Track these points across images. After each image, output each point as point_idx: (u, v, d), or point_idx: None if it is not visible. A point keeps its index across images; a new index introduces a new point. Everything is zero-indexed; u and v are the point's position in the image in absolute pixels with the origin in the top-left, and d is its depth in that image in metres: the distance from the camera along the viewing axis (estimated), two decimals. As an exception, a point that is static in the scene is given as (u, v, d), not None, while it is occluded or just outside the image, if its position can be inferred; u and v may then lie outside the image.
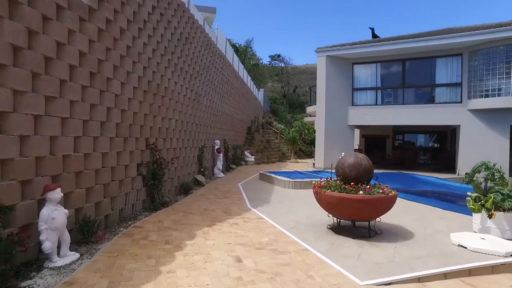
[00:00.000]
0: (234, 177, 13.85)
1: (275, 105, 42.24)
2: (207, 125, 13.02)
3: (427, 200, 9.62)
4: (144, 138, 7.37)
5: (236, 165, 18.00)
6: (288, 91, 43.56)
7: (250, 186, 11.19)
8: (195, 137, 11.34)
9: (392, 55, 17.17)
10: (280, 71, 42.80)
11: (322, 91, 17.81)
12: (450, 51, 16.16)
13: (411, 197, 10.05)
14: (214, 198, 8.78)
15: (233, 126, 18.75)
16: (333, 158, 18.47)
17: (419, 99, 17.58)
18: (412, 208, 8.29)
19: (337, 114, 17.85)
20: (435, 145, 23.75)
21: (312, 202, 8.30)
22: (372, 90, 17.90)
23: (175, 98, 9.32)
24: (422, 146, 24.14)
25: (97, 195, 5.59)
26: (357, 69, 18.20)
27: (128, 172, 6.65)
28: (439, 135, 22.72)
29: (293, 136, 23.54)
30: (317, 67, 18.01)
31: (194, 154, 11.18)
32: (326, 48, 17.67)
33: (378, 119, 17.58)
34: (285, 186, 10.92)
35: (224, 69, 16.01)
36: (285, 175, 12.59)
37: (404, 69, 17.21)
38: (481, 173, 13.80)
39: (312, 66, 57.85)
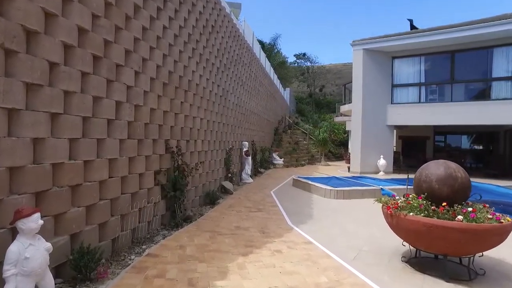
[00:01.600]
0: (264, 183, 12.43)
1: (300, 105, 40.57)
2: (235, 125, 11.68)
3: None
4: (164, 140, 6.07)
5: (265, 169, 16.59)
6: (314, 90, 41.78)
7: (284, 195, 9.75)
8: (222, 139, 10.01)
9: (439, 46, 15.26)
10: (306, 70, 41.08)
11: (358, 88, 16.12)
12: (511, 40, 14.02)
13: None
14: (245, 211, 7.39)
15: (261, 126, 17.36)
16: (370, 162, 16.92)
17: (470, 95, 15.57)
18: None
19: (375, 113, 16.11)
20: (482, 147, 21.50)
21: (363, 218, 7.02)
22: (415, 86, 16.05)
23: (200, 94, 8.01)
24: (469, 148, 21.88)
25: (101, 214, 4.31)
26: (397, 64, 16.39)
27: (143, 182, 5.36)
28: (489, 136, 20.46)
29: (324, 137, 21.90)
30: (353, 62, 16.34)
31: (221, 158, 9.86)
32: (363, 41, 15.98)
33: (422, 119, 15.72)
34: (325, 195, 9.41)
35: (252, 65, 14.65)
36: (322, 181, 11.06)
37: (453, 62, 15.24)
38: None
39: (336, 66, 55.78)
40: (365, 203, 8.66)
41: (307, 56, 39.97)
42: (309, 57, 40.02)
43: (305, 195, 9.74)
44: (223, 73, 10.05)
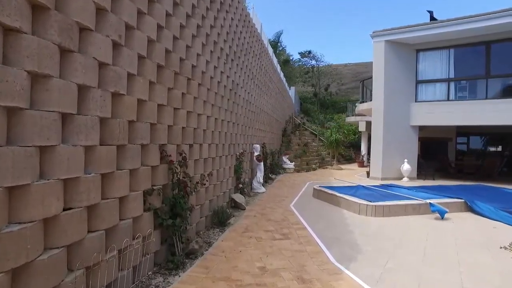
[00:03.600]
0: (279, 192, 10.60)
1: (306, 105, 38.70)
2: (245, 125, 9.86)
3: None
4: (158, 145, 4.26)
5: (275, 175, 14.77)
6: (319, 90, 39.90)
7: (308, 211, 7.92)
8: (232, 141, 8.20)
9: (470, 37, 13.45)
10: (311, 69, 39.21)
11: (380, 84, 14.31)
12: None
13: None
14: (267, 239, 5.55)
15: (271, 127, 15.54)
16: (392, 167, 14.92)
17: (509, 92, 13.74)
18: None
19: (398, 112, 14.31)
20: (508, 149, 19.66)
21: (432, 251, 4.95)
22: (442, 82, 14.24)
23: (207, 85, 6.20)
24: (501, 151, 19.97)
25: (47, 273, 2.50)
26: (422, 57, 14.59)
27: (125, 209, 3.54)
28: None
29: (337, 138, 20.06)
30: (374, 55, 14.53)
31: (230, 165, 8.03)
32: (385, 31, 14.18)
33: (450, 118, 13.92)
34: (360, 211, 7.57)
35: (262, 57, 12.84)
36: (348, 192, 9.22)
37: (489, 55, 13.41)
38: None
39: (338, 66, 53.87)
40: (415, 224, 6.84)
41: (312, 54, 38.10)
42: (314, 55, 38.16)
43: (334, 211, 7.91)
44: (233, 62, 8.24)
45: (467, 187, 12.21)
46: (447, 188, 11.67)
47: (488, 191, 11.49)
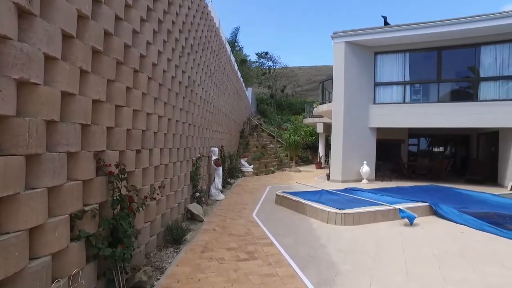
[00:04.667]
0: (239, 199, 9.79)
1: (262, 106, 38.29)
2: (203, 126, 8.95)
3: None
4: (93, 152, 3.27)
5: (234, 179, 13.95)
6: (276, 91, 39.71)
7: (273, 221, 7.20)
8: (188, 145, 7.26)
9: (425, 42, 13.70)
10: (268, 70, 38.88)
11: (340, 86, 14.07)
12: (501, 36, 12.76)
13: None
14: (231, 260, 4.72)
15: (229, 128, 14.70)
16: (352, 169, 14.86)
17: (458, 96, 14.16)
18: None
19: (357, 114, 14.19)
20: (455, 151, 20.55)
21: (416, 266, 4.10)
22: (399, 85, 14.34)
23: (159, 79, 5.25)
24: (448, 153, 20.80)
25: None
26: (380, 60, 14.61)
27: (40, 243, 2.54)
28: (462, 139, 19.50)
29: (296, 140, 19.69)
30: (334, 56, 14.26)
31: (186, 172, 7.09)
32: (346, 33, 13.96)
33: (406, 120, 14.08)
34: (328, 220, 6.99)
35: (220, 54, 11.97)
36: (312, 197, 8.68)
37: (440, 60, 13.71)
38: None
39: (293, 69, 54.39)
40: (387, 233, 6.38)
41: (269, 55, 37.80)
42: (271, 56, 37.89)
43: (301, 220, 7.26)
44: (189, 57, 7.30)
45: (422, 188, 12.30)
46: (404, 190, 11.64)
47: (442, 192, 11.62)
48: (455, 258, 5.06)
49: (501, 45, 12.99)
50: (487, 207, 9.72)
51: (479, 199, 10.79)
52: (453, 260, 4.94)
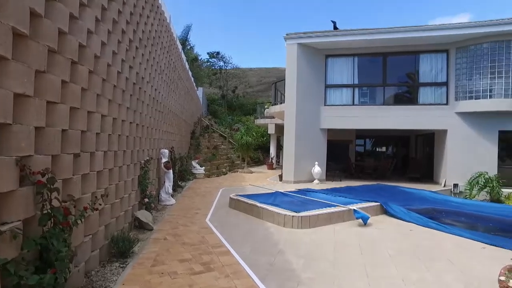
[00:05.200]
0: (191, 203, 9.26)
1: (213, 106, 37.64)
2: (153, 126, 8.30)
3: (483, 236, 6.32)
4: (14, 158, 2.65)
5: (185, 182, 13.32)
6: (226, 92, 39.26)
7: (229, 227, 6.81)
8: (136, 147, 6.62)
9: (372, 47, 14.21)
10: (219, 70, 38.30)
11: (292, 87, 14.07)
12: (436, 46, 13.73)
13: (443, 227, 6.83)
14: (185, 274, 4.25)
15: (180, 129, 14.02)
16: (304, 169, 14.84)
17: (401, 100, 14.88)
18: None
19: (309, 115, 14.30)
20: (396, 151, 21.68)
21: (376, 269, 4.22)
22: (348, 87, 14.71)
23: (102, 74, 4.62)
24: (391, 153, 21.85)
25: None
26: (330, 63, 14.87)
27: None
28: (403, 140, 20.63)
29: (247, 141, 19.45)
30: (287, 57, 14.23)
31: (134, 176, 6.46)
32: (298, 35, 14.00)
33: (355, 122, 14.48)
34: (285, 224, 6.77)
35: (171, 51, 11.31)
36: (267, 200, 8.46)
37: (385, 65, 14.31)
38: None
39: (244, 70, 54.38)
40: (344, 235, 6.30)
41: (221, 55, 37.22)
42: (223, 56, 37.34)
43: (257, 225, 6.96)
44: (138, 51, 6.67)
45: (370, 187, 12.71)
46: (354, 189, 11.93)
47: (388, 190, 12.09)
48: (409, 257, 5.10)
49: (435, 54, 13.90)
50: (426, 203, 10.28)
51: (419, 196, 11.38)
52: (408, 260, 4.97)
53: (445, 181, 13.50)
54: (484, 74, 12.81)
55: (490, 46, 12.76)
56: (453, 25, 13.00)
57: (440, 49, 13.72)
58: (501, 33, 12.39)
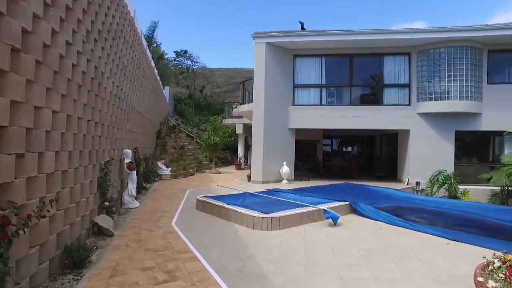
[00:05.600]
0: (156, 206, 8.77)
1: (180, 106, 36.71)
2: (114, 125, 7.75)
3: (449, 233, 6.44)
4: None
5: (150, 183, 12.72)
6: (194, 91, 38.42)
7: (196, 230, 6.44)
8: (95, 147, 6.10)
9: (339, 48, 14.35)
10: (186, 69, 37.39)
11: (260, 86, 13.88)
12: (399, 49, 14.12)
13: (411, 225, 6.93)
14: (147, 284, 3.86)
15: (145, 128, 13.38)
16: (272, 169, 14.64)
17: (367, 100, 15.15)
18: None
19: (277, 115, 14.19)
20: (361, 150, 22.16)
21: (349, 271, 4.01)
22: (316, 87, 14.75)
23: (53, 65, 4.13)
24: (357, 152, 22.26)
25: None
26: (298, 63, 14.86)
27: None
28: (368, 140, 21.13)
29: (215, 141, 19.03)
30: (255, 56, 14.01)
31: (92, 179, 5.93)
32: (266, 33, 13.83)
33: (322, 122, 14.55)
34: (255, 225, 6.52)
35: (135, 46, 10.72)
36: (235, 201, 8.18)
37: (352, 66, 14.50)
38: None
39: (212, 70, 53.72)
40: (314, 236, 6.15)
41: (188, 54, 36.31)
42: (190, 55, 36.43)
43: (225, 228, 6.65)
44: (97, 44, 6.15)
45: (338, 186, 12.79)
46: (323, 189, 11.94)
47: (355, 189, 12.22)
48: (380, 257, 5.03)
49: (398, 56, 14.28)
50: (391, 201, 10.47)
51: (385, 194, 11.57)
52: (379, 260, 4.89)
53: (408, 179, 13.88)
54: (442, 77, 13.33)
55: (447, 50, 13.30)
56: (414, 30, 13.43)
57: (403, 52, 14.12)
58: (456, 39, 12.97)
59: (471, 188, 12.68)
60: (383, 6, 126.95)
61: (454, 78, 13.17)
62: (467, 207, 9.71)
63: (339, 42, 13.70)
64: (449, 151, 13.63)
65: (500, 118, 13.19)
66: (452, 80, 13.20)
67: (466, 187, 12.56)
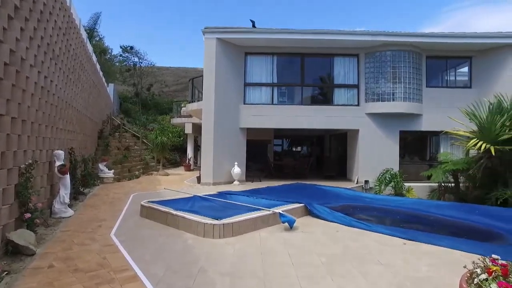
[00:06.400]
0: (94, 214, 7.69)
1: (126, 104, 34.49)
2: (41, 122, 6.59)
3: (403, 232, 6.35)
4: None
5: (90, 187, 11.40)
6: (141, 89, 36.34)
7: (139, 242, 5.60)
8: (12, 147, 5.01)
9: (291, 47, 14.13)
10: (133, 66, 35.19)
11: (211, 83, 13.15)
12: (348, 50, 14.26)
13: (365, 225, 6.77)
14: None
15: (83, 127, 11.98)
16: (223, 170, 13.86)
17: (318, 100, 15.12)
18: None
19: (228, 113, 13.58)
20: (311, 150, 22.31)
21: (311, 284, 3.87)
22: (267, 86, 14.39)
23: None
24: (308, 152, 22.31)
25: None
26: (250, 60, 14.37)
27: None
28: (318, 139, 21.31)
29: (162, 141, 17.88)
30: (205, 52, 13.25)
31: (7, 186, 4.85)
32: (217, 29, 13.15)
33: (274, 121, 14.19)
34: (205, 233, 5.84)
35: (71, 35, 9.44)
36: (184, 206, 7.46)
37: (303, 66, 14.36)
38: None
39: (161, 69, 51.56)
40: (270, 243, 5.64)
41: (135, 50, 34.14)
42: (137, 51, 34.29)
43: (172, 237, 5.88)
44: (12, 22, 5.06)
45: (290, 187, 12.53)
46: (275, 189, 11.59)
47: (307, 189, 12.04)
48: (342, 263, 4.67)
49: (347, 58, 14.44)
50: (343, 200, 10.41)
51: (336, 193, 11.50)
52: (340, 267, 4.52)
53: (358, 178, 14.05)
54: (387, 79, 13.69)
55: (392, 53, 13.71)
56: (361, 32, 13.61)
57: (352, 53, 14.28)
58: (399, 43, 13.44)
59: (413, 185, 13.15)
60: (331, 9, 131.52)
61: (398, 80, 13.59)
62: (412, 204, 9.94)
63: (290, 40, 13.45)
64: (394, 151, 14.05)
65: (437, 119, 13.89)
66: (397, 82, 13.61)
67: (410, 185, 13.01)
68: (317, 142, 21.65)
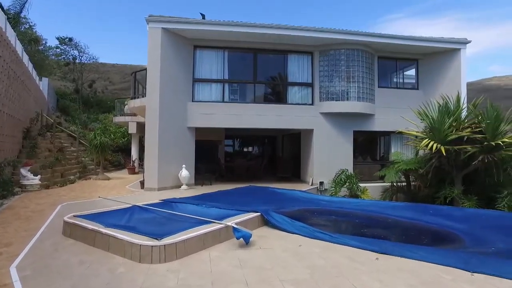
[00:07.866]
0: None
1: (64, 101, 31.16)
2: None
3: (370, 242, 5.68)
4: None
5: (4, 199, 9.40)
6: (82, 86, 33.12)
7: (50, 274, 4.20)
8: None
9: (243, 42, 13.15)
10: (72, 60, 31.82)
11: (155, 77, 11.67)
12: (302, 48, 13.65)
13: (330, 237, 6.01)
14: None
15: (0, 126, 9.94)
16: (170, 174, 12.17)
17: (271, 98, 14.29)
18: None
19: (175, 111, 12.24)
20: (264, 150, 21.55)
21: None
22: (218, 83, 13.25)
23: None
24: (260, 153, 21.42)
25: None
26: (199, 55, 13.13)
27: None
28: (271, 140, 20.59)
29: (102, 142, 15.91)
30: (149, 43, 11.74)
31: None
32: (162, 18, 11.73)
33: (225, 120, 13.09)
34: (142, 258, 4.60)
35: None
36: (122, 220, 6.16)
37: (256, 62, 13.45)
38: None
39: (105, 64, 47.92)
40: (223, 265, 4.54)
41: (74, 42, 30.85)
42: (77, 44, 31.03)
43: (99, 265, 4.55)
44: None
45: (243, 190, 11.62)
46: (227, 194, 10.60)
47: (260, 192, 11.24)
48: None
49: (302, 55, 13.82)
50: (299, 203, 9.72)
51: (291, 196, 10.77)
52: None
53: (312, 180, 13.48)
54: (342, 78, 13.30)
55: (346, 52, 13.35)
56: (317, 29, 12.96)
57: (306, 51, 13.68)
58: (354, 42, 13.10)
59: (367, 185, 12.90)
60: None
61: (352, 79, 13.26)
62: (369, 206, 9.54)
63: (241, 34, 12.42)
64: (348, 151, 13.72)
65: (387, 119, 13.84)
66: (351, 82, 13.27)
67: (365, 185, 12.72)
68: (269, 142, 20.96)
